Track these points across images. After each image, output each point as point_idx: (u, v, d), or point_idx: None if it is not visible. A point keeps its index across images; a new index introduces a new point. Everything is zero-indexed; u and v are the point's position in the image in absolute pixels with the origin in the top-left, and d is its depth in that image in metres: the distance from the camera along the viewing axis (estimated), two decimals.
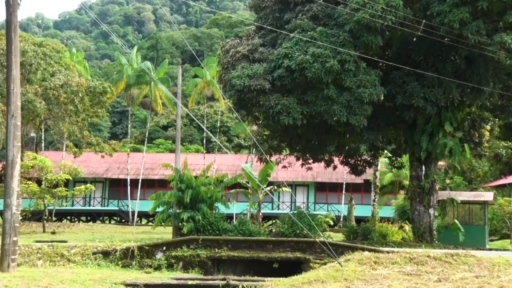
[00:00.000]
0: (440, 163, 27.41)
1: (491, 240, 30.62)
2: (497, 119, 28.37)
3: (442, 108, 22.64)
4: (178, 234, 21.93)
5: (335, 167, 29.11)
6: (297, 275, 13.76)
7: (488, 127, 27.93)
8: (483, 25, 19.67)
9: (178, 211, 21.94)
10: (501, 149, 37.99)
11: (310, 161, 27.88)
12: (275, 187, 30.61)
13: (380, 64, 22.45)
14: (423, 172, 24.23)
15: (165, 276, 15.34)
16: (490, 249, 22.55)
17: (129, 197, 44.97)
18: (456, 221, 24.80)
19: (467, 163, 38.31)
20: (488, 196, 27.79)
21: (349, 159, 28.81)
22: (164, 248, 18.19)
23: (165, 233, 28.58)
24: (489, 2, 19.04)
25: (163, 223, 23.62)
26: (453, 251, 14.86)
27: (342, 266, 13.16)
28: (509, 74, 24.19)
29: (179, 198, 21.85)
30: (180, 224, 21.86)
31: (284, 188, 32.93)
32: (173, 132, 60.79)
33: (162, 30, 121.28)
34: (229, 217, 32.07)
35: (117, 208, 46.75)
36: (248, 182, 27.71)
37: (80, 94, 33.40)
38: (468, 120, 26.12)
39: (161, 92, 47.33)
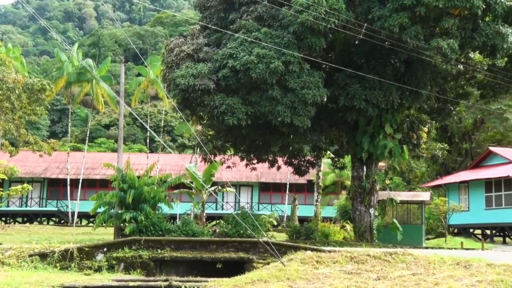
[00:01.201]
0: (381, 164, 28.11)
1: (428, 239, 31.59)
2: (434, 122, 29.50)
3: (382, 110, 23.23)
4: (120, 235, 21.49)
5: (279, 168, 29.34)
6: (240, 275, 13.76)
7: (426, 129, 28.85)
8: (421, 30, 20.31)
9: (120, 211, 21.50)
10: (437, 150, 39.28)
11: (254, 161, 27.98)
12: (219, 187, 30.55)
13: (324, 66, 22.79)
14: (364, 172, 24.74)
15: (105, 278, 14.99)
16: (426, 248, 23.30)
17: (68, 197, 43.79)
18: (395, 220, 25.47)
19: (406, 164, 39.48)
20: (425, 196, 28.75)
21: (293, 160, 29.09)
22: (105, 249, 17.77)
23: (107, 234, 27.98)
24: (427, 8, 19.68)
25: (104, 224, 23.11)
26: (392, 250, 15.24)
27: (285, 266, 13.26)
28: (445, 78, 25.17)
29: (121, 198, 21.43)
30: (122, 224, 21.45)
31: (228, 188, 32.89)
32: (116, 131, 59.64)
33: (104, 27, 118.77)
34: (173, 217, 31.74)
35: (56, 209, 45.46)
36: (192, 182, 27.53)
37: (17, 91, 32.15)
38: (407, 122, 26.90)
39: (103, 90, 46.37)
